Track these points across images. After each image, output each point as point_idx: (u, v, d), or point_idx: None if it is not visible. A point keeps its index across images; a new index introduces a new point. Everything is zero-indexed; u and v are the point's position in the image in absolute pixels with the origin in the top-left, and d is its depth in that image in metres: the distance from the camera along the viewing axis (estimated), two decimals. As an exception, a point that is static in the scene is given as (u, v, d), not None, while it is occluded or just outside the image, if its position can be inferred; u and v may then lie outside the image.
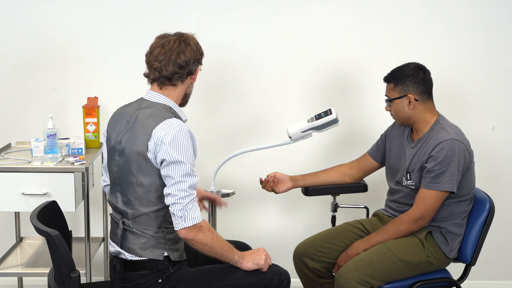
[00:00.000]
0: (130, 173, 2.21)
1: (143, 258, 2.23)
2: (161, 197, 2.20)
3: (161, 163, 2.15)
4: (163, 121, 2.17)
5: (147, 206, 2.21)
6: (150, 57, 2.26)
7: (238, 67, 3.33)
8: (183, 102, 2.37)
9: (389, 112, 2.70)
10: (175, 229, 2.16)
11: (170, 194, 2.14)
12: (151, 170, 2.18)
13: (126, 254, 2.25)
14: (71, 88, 3.31)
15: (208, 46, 3.24)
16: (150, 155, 2.16)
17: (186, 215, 2.12)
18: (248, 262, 2.32)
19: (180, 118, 2.26)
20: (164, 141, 2.13)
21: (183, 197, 2.12)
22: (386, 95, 2.68)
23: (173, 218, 2.15)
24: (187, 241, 2.18)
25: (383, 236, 2.61)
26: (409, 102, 2.60)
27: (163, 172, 2.16)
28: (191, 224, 2.13)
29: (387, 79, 2.67)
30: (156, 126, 2.16)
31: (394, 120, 2.85)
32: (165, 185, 2.18)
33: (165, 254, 2.24)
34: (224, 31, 3.29)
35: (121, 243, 2.27)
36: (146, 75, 2.31)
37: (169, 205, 2.15)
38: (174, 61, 2.23)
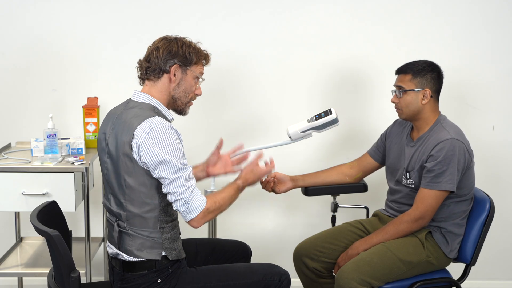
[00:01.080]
0: (118, 175, 2.22)
1: (141, 259, 2.24)
2: (152, 197, 2.21)
3: (146, 164, 2.15)
4: (145, 121, 2.16)
5: (139, 207, 2.22)
6: None
7: (238, 67, 3.33)
8: (176, 108, 2.35)
9: (394, 104, 2.66)
10: (185, 222, 2.19)
11: (169, 192, 2.16)
12: (138, 170, 2.18)
13: (124, 255, 2.26)
14: (71, 88, 3.31)
15: (208, 47, 3.25)
16: (134, 155, 2.16)
17: (189, 207, 2.15)
18: (249, 183, 2.45)
19: (165, 117, 2.26)
20: (146, 142, 2.13)
21: (182, 192, 2.15)
22: (398, 85, 2.63)
23: (179, 214, 2.20)
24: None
25: (383, 236, 2.61)
26: (424, 96, 2.59)
27: (155, 174, 2.16)
28: (197, 213, 2.16)
29: (403, 70, 2.63)
30: (138, 126, 2.16)
31: (394, 120, 2.85)
32: (155, 185, 2.20)
33: (163, 253, 2.25)
34: (224, 32, 3.29)
35: (119, 245, 2.27)
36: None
37: (172, 203, 2.18)
38: (147, 56, 2.30)
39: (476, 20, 3.31)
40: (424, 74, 2.59)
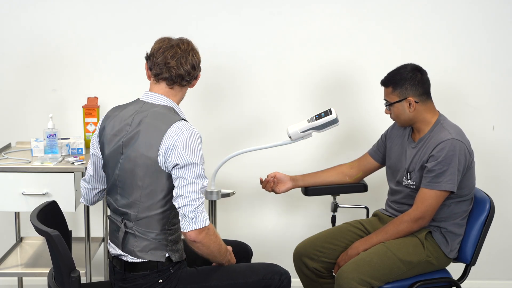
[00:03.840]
0: (136, 176, 2.20)
1: (144, 260, 2.24)
2: (168, 200, 2.20)
3: (173, 166, 2.15)
4: (173, 125, 2.16)
5: (153, 209, 2.21)
6: (162, 57, 2.25)
7: (238, 67, 3.33)
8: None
9: (389, 115, 2.70)
10: (183, 231, 2.15)
11: (181, 195, 2.13)
12: (160, 173, 2.18)
13: (128, 256, 2.25)
14: (71, 88, 3.31)
15: (208, 47, 3.25)
16: (160, 158, 2.16)
17: (197, 217, 2.13)
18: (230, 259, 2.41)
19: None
20: (177, 146, 2.14)
21: (195, 199, 2.13)
22: (385, 99, 2.68)
23: (182, 220, 2.14)
24: (191, 243, 2.18)
25: (383, 236, 2.61)
26: (409, 104, 2.60)
27: (175, 173, 2.15)
28: (202, 226, 2.14)
29: (385, 83, 2.67)
30: (167, 130, 2.15)
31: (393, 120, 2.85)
32: (173, 188, 2.17)
33: (166, 255, 2.24)
34: (223, 32, 3.29)
35: (122, 245, 2.26)
36: (155, 74, 2.28)
37: (179, 207, 2.15)
38: (190, 60, 2.27)
39: (476, 20, 3.30)
40: (402, 84, 2.60)
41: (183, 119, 2.23)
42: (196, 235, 2.14)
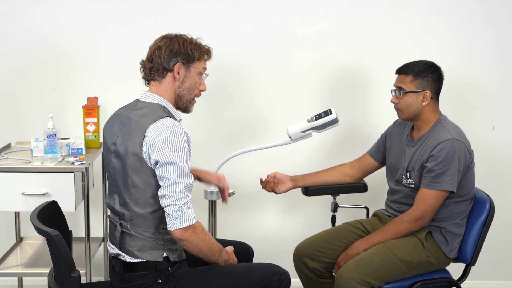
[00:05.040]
0: (125, 174, 2.21)
1: (142, 260, 2.24)
2: (157, 198, 2.20)
3: (156, 163, 2.15)
4: (156, 121, 2.17)
5: (143, 207, 2.21)
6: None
7: (238, 67, 3.33)
8: (181, 106, 2.36)
9: (393, 104, 2.66)
10: (168, 229, 2.16)
11: (165, 195, 2.14)
12: (146, 170, 2.18)
13: (125, 256, 2.26)
14: (71, 88, 3.31)
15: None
16: (144, 155, 2.16)
17: (181, 216, 2.13)
18: (229, 260, 2.40)
19: (174, 118, 2.27)
20: (157, 142, 2.13)
21: (179, 199, 2.13)
22: (399, 86, 2.63)
23: (167, 219, 2.16)
24: (178, 241, 2.19)
25: (383, 236, 2.61)
26: (424, 97, 2.59)
27: (158, 173, 2.16)
28: (186, 225, 2.14)
29: (404, 71, 2.62)
30: (149, 126, 2.16)
31: (394, 120, 2.85)
32: (160, 186, 2.18)
33: (164, 255, 2.25)
34: (224, 31, 3.29)
35: (120, 245, 2.27)
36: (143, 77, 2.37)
37: (164, 207, 2.16)
38: (149, 56, 2.30)
39: (476, 20, 3.30)
40: (425, 75, 2.59)
41: (168, 116, 2.21)
42: (181, 234, 2.14)
